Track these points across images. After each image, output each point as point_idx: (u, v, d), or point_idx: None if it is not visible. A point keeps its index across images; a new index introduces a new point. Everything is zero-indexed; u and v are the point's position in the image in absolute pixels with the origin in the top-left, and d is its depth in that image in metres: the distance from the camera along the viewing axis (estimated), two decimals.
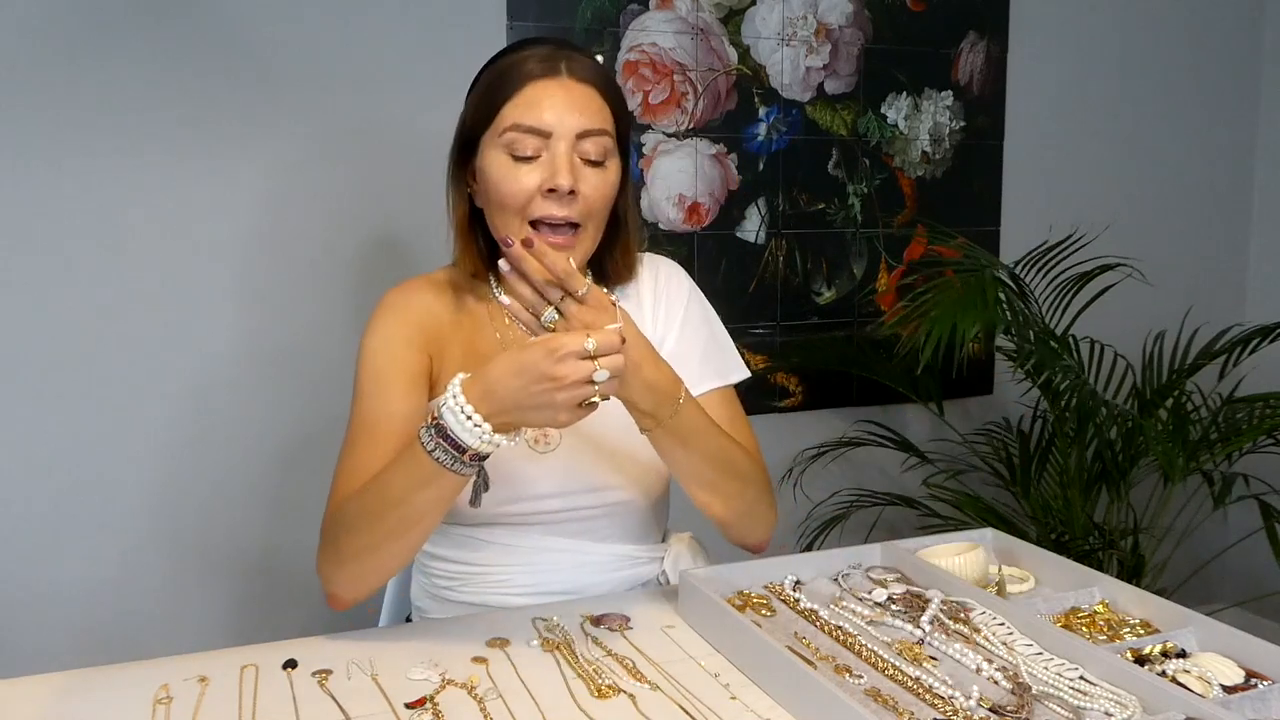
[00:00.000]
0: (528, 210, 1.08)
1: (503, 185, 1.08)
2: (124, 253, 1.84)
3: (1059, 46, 2.49)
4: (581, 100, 1.08)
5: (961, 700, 0.83)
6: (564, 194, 1.07)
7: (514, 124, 1.07)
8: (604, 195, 1.11)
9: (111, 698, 0.90)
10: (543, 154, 1.08)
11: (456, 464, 0.95)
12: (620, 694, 0.89)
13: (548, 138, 1.07)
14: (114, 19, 1.79)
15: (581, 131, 1.08)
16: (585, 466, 1.15)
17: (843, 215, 2.33)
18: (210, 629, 1.95)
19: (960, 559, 1.09)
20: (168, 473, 1.91)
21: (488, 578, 1.16)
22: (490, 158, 1.10)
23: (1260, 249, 2.76)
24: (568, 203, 1.07)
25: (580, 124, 1.08)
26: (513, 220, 1.09)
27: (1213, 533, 2.48)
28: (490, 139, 1.10)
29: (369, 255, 1.98)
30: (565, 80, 1.08)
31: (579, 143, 1.08)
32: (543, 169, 1.07)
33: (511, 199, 1.08)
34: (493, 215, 1.12)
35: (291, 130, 1.90)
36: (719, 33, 2.17)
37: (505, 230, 1.09)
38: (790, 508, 2.37)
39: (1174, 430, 2.03)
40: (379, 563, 1.04)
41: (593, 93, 1.10)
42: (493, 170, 1.09)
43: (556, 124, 1.07)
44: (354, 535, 1.02)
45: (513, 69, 1.09)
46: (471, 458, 0.95)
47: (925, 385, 2.29)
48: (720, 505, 1.12)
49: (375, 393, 1.12)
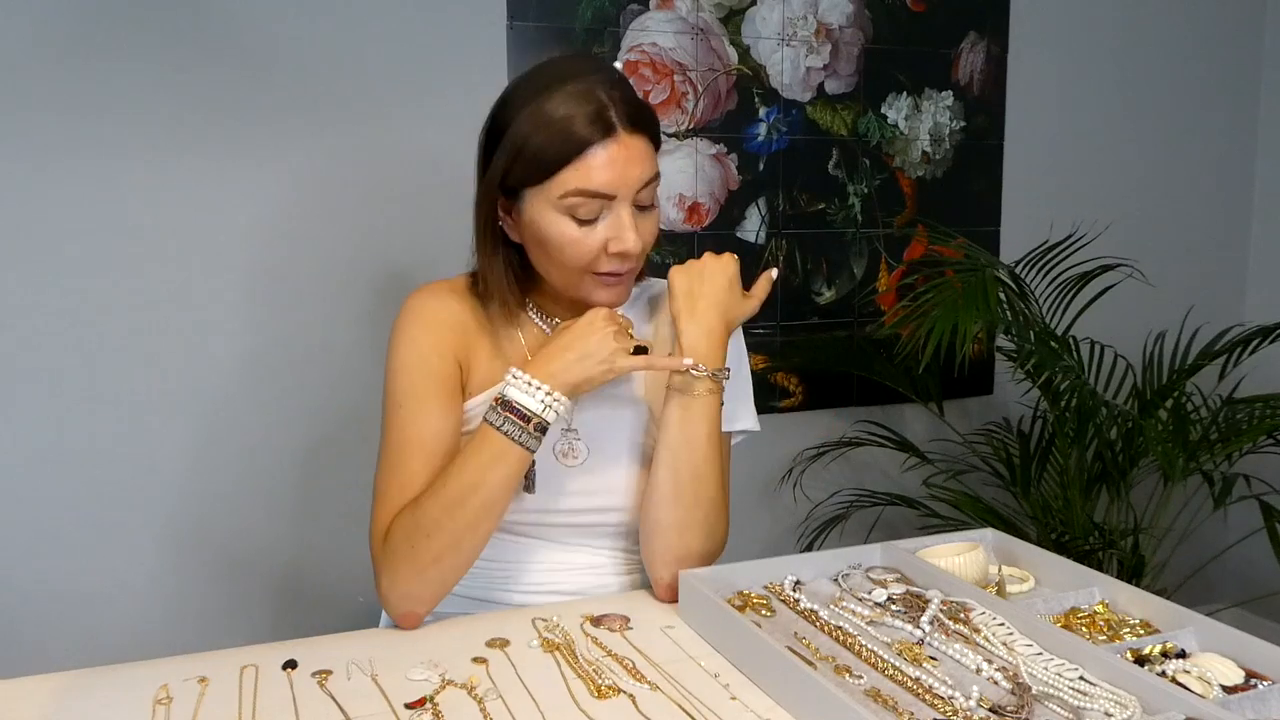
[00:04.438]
0: (594, 266, 1.08)
1: (567, 249, 1.07)
2: (135, 256, 1.85)
3: (1059, 46, 2.49)
4: (638, 155, 1.06)
5: (961, 700, 0.83)
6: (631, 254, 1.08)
7: (577, 189, 1.04)
8: (655, 234, 1.12)
9: (111, 698, 0.90)
10: (604, 213, 1.06)
11: (524, 435, 1.03)
12: (620, 694, 0.89)
13: (611, 200, 1.06)
14: (133, 21, 1.79)
15: (640, 186, 1.07)
16: (609, 479, 1.16)
17: (843, 215, 2.33)
18: (210, 629, 1.95)
19: (960, 559, 1.08)
20: (168, 474, 1.91)
21: (498, 574, 1.17)
22: (546, 217, 1.07)
23: (1260, 249, 2.76)
24: (629, 255, 1.09)
25: (639, 178, 1.06)
26: (574, 275, 1.10)
27: (1213, 533, 2.48)
28: (544, 197, 1.06)
29: (382, 256, 1.98)
30: (622, 138, 1.05)
31: (638, 196, 1.07)
32: (606, 229, 1.06)
33: (577, 260, 1.08)
34: (543, 262, 1.12)
35: (299, 132, 1.91)
36: (719, 33, 2.17)
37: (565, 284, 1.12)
38: (790, 508, 2.37)
39: (1174, 430, 2.03)
40: (458, 561, 1.06)
41: (644, 141, 1.08)
42: (551, 231, 1.07)
43: (620, 186, 1.05)
44: (435, 537, 1.04)
45: (563, 129, 1.03)
46: (536, 427, 1.03)
47: (925, 385, 2.29)
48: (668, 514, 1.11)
49: (414, 408, 1.11)
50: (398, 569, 1.06)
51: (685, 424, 1.10)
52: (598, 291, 1.11)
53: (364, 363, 1.96)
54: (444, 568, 1.05)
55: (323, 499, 2.00)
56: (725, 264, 1.14)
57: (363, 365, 1.97)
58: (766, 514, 2.36)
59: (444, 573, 1.06)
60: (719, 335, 1.11)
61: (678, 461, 1.10)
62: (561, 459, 1.15)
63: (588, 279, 1.10)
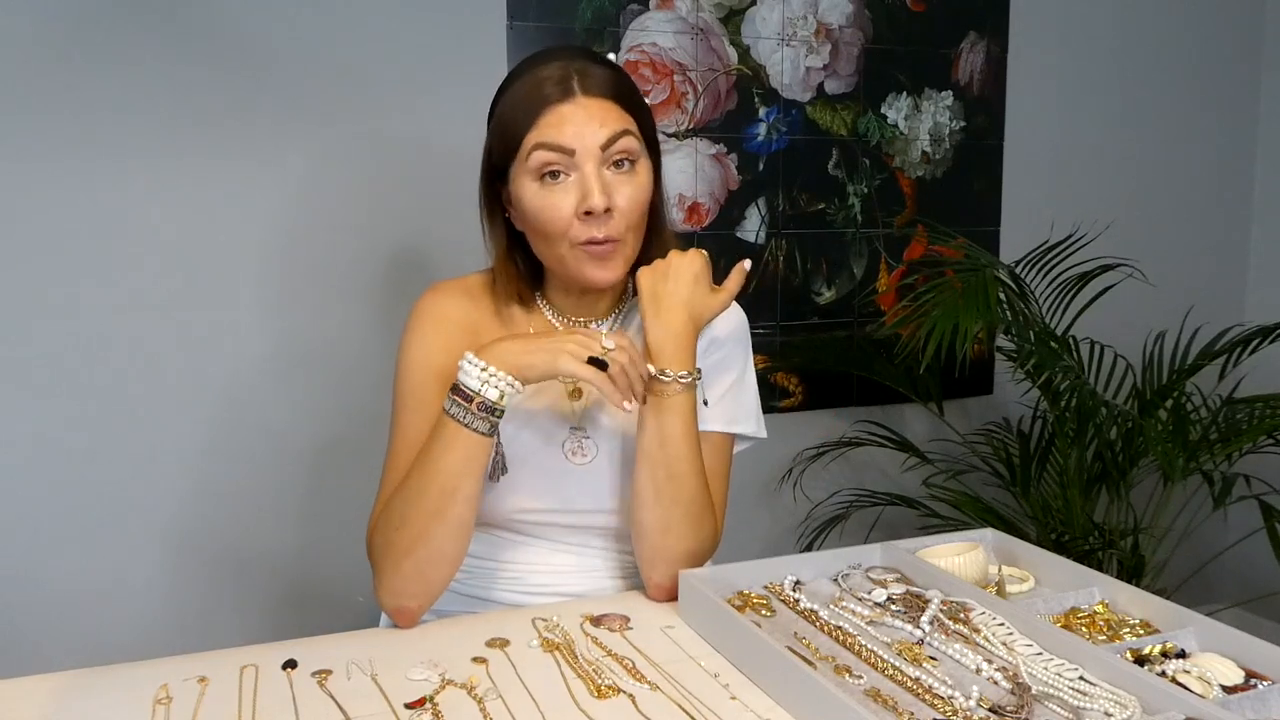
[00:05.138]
0: (570, 234, 1.08)
1: (540, 214, 1.09)
2: (147, 255, 1.85)
3: (1059, 46, 2.49)
4: (599, 113, 1.08)
5: (961, 700, 0.83)
6: (600, 214, 1.07)
7: (537, 144, 1.07)
8: (639, 203, 1.11)
9: (111, 698, 0.90)
10: (572, 174, 1.08)
11: (469, 416, 1.01)
12: (620, 694, 0.89)
13: (572, 155, 1.07)
14: (145, 22, 1.79)
15: (604, 143, 1.07)
16: (617, 480, 1.16)
17: (843, 215, 2.33)
18: (210, 629, 1.95)
19: (960, 559, 1.08)
20: (169, 474, 1.91)
21: (501, 573, 1.17)
22: (522, 186, 1.10)
23: (1260, 249, 2.76)
24: (604, 222, 1.08)
25: (601, 136, 1.07)
26: (557, 245, 1.10)
27: (1213, 533, 2.48)
28: (519, 168, 1.10)
29: (393, 255, 1.99)
30: (580, 99, 1.08)
31: (605, 154, 1.08)
32: (575, 190, 1.07)
33: (550, 225, 1.08)
34: (535, 242, 1.13)
35: (301, 133, 1.91)
36: (719, 33, 2.17)
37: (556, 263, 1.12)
38: (790, 508, 2.37)
39: (1174, 430, 2.03)
40: (431, 552, 1.05)
41: (607, 102, 1.09)
42: (526, 198, 1.09)
43: (577, 141, 1.07)
44: (403, 529, 1.04)
45: (528, 96, 1.08)
46: (480, 406, 1.01)
47: (925, 385, 2.29)
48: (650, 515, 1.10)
49: (418, 409, 1.13)
50: (381, 565, 1.07)
51: (658, 425, 1.09)
52: (585, 267, 1.10)
53: (369, 362, 1.97)
54: (419, 560, 1.05)
55: (323, 499, 2.00)
56: (691, 260, 1.12)
57: (368, 365, 1.97)
58: (766, 514, 2.36)
59: (420, 565, 1.05)
60: (685, 336, 1.10)
61: (653, 462, 1.09)
62: (570, 457, 1.15)
63: (575, 253, 1.09)
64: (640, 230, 1.14)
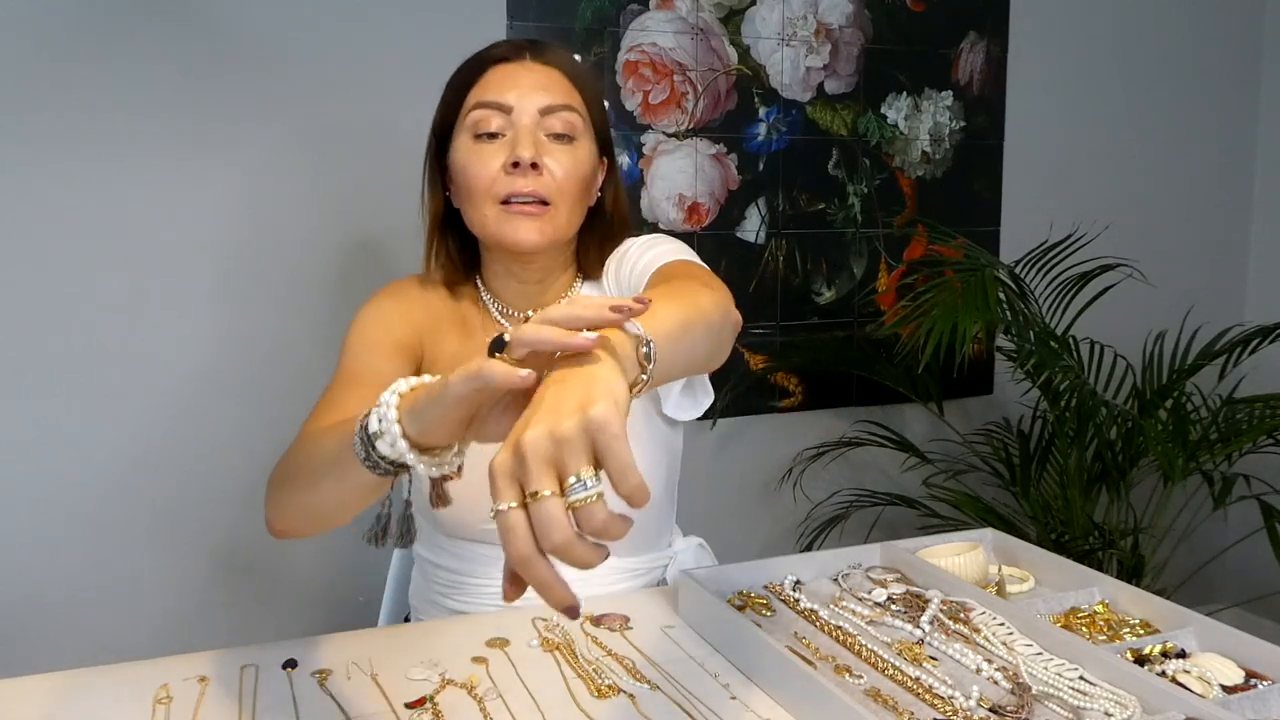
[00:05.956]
0: (494, 189, 1.07)
1: (470, 167, 1.08)
2: (101, 253, 1.84)
3: (1059, 46, 2.49)
4: (544, 80, 1.09)
5: (961, 700, 0.83)
6: (527, 166, 1.06)
7: (477, 102, 1.09)
8: (574, 175, 1.09)
9: (111, 698, 0.90)
10: (508, 133, 1.08)
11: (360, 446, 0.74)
12: (620, 694, 0.89)
13: (509, 113, 1.07)
14: (95, 17, 1.78)
15: (545, 107, 1.08)
16: None
17: (843, 215, 2.33)
18: (210, 629, 1.95)
19: (960, 559, 1.09)
20: (165, 473, 1.91)
21: (486, 589, 1.16)
22: (459, 145, 1.11)
23: (1260, 249, 2.76)
24: (533, 177, 1.06)
25: (542, 100, 1.08)
26: (482, 204, 1.08)
27: (1213, 533, 2.48)
28: (459, 128, 1.11)
29: (351, 256, 1.98)
30: (528, 63, 1.10)
31: (544, 119, 1.08)
32: (506, 149, 1.07)
33: (477, 179, 1.08)
34: (465, 205, 1.11)
35: (298, 133, 1.90)
36: (719, 33, 2.17)
37: (482, 225, 1.08)
38: (790, 508, 2.37)
39: (1174, 430, 2.03)
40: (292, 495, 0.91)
41: (557, 74, 1.10)
42: (460, 155, 1.10)
43: (517, 100, 1.07)
44: (291, 482, 0.92)
45: (478, 59, 1.12)
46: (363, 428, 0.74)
47: (925, 385, 2.29)
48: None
49: (361, 352, 1.12)
50: (270, 494, 0.96)
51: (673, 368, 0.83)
52: (506, 226, 1.07)
53: None
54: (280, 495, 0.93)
55: None
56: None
57: None
58: (766, 514, 2.37)
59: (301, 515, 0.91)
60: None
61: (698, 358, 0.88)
62: None
63: (499, 214, 1.07)
64: (574, 208, 1.10)
